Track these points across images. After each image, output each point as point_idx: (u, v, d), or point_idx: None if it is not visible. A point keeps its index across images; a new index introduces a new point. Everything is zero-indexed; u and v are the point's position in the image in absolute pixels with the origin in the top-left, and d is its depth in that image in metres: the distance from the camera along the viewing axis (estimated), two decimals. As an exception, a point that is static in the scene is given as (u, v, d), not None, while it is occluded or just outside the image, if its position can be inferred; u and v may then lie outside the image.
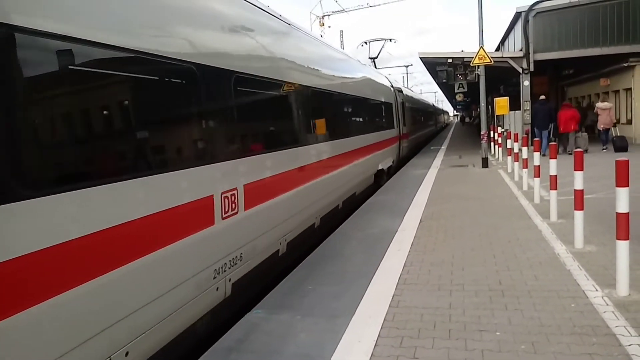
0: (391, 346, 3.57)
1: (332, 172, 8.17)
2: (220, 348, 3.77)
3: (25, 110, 2.55)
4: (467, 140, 29.39)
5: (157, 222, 3.41)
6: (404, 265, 5.46)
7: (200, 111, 4.25)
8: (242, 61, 5.04)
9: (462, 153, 20.09)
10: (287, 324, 4.12)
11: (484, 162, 14.68)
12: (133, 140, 3.47)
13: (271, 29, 6.35)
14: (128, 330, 3.12)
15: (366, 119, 12.12)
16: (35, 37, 2.57)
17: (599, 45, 18.24)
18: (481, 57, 14.60)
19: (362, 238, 6.89)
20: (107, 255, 2.95)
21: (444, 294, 4.53)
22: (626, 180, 4.23)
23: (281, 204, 5.74)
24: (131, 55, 3.33)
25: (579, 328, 3.63)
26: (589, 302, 4.09)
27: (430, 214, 8.25)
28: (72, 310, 2.67)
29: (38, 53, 2.66)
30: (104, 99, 3.28)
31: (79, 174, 2.92)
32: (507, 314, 3.99)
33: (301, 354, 3.57)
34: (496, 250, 5.78)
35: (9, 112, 2.43)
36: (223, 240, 4.33)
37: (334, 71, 9.56)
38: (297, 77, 6.84)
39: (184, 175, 3.82)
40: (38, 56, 2.67)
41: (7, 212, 2.33)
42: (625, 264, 4.17)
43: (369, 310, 4.25)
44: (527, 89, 18.79)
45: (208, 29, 4.56)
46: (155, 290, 3.41)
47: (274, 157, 5.71)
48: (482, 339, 3.59)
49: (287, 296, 4.80)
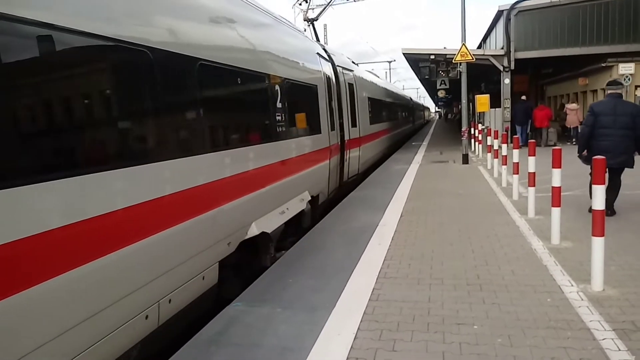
0: (370, 339, 3.59)
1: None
2: (200, 340, 3.75)
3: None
4: (448, 137, 29.65)
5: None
6: (384, 259, 5.49)
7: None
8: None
9: (443, 149, 20.26)
10: (267, 317, 4.11)
11: (464, 158, 14.82)
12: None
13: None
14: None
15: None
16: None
17: (579, 45, 18.51)
18: (463, 54, 14.69)
19: (343, 232, 6.91)
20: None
21: (423, 288, 4.57)
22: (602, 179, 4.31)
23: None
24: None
25: (554, 322, 3.70)
26: (565, 297, 4.17)
27: (410, 208, 8.31)
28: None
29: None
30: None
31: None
32: (485, 307, 4.05)
33: (281, 347, 3.57)
34: (475, 245, 5.85)
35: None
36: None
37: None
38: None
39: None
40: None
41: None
42: (600, 260, 4.25)
43: (349, 304, 4.27)
44: (507, 87, 19.00)
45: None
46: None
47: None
48: (460, 332, 3.63)
49: (268, 289, 4.79)
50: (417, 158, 17.23)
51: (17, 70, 2.64)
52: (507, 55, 18.61)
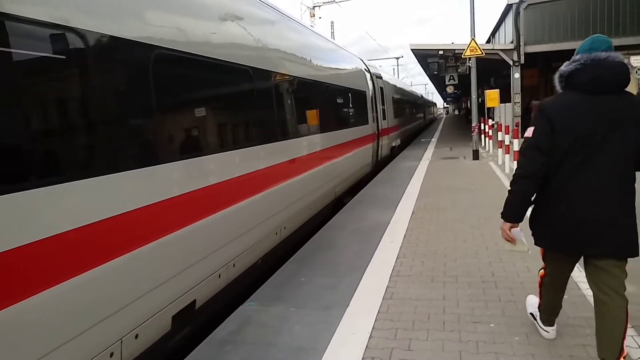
0: (386, 338, 3.57)
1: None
2: (215, 340, 3.76)
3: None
4: (458, 133, 29.47)
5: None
6: (397, 257, 5.47)
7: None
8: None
9: (453, 145, 20.14)
10: (281, 316, 4.11)
11: (474, 154, 14.72)
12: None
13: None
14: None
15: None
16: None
17: (589, 38, 18.30)
18: (472, 49, 14.57)
19: (355, 230, 6.88)
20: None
21: (437, 286, 4.54)
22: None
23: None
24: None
25: (572, 319, 3.65)
26: (582, 293, 4.12)
27: (422, 205, 8.26)
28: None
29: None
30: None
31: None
32: (501, 305, 4.01)
33: (296, 346, 3.56)
34: (488, 242, 5.80)
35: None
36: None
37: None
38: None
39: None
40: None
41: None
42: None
43: (363, 302, 4.25)
44: (517, 82, 18.82)
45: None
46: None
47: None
48: (476, 330, 3.60)
49: (281, 288, 4.78)
50: (427, 155, 17.14)
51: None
52: (516, 50, 18.43)
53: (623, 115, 2.73)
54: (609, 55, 2.77)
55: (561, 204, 2.83)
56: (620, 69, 2.76)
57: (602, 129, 2.72)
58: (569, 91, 2.89)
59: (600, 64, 2.77)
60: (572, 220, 2.80)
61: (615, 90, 2.76)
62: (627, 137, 2.71)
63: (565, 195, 2.81)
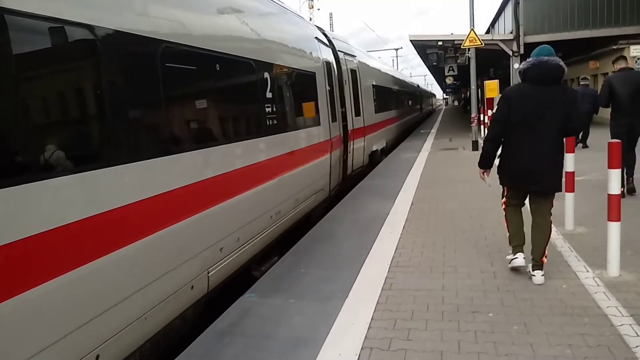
0: (385, 328, 3.57)
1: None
2: (214, 332, 3.76)
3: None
4: (457, 123, 29.43)
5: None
6: (396, 248, 5.46)
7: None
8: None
9: (452, 136, 20.11)
10: (281, 308, 4.11)
11: (474, 145, 14.71)
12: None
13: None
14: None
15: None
16: None
17: (589, 28, 18.23)
18: (472, 40, 14.52)
19: (354, 221, 6.88)
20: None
21: (436, 276, 4.54)
22: (618, 162, 4.25)
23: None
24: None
25: (570, 309, 3.66)
26: (580, 283, 4.13)
27: (421, 196, 8.26)
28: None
29: None
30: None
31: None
32: (500, 295, 4.01)
33: (295, 337, 3.56)
34: (487, 232, 5.80)
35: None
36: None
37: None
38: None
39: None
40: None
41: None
42: (616, 245, 4.20)
43: (362, 293, 4.25)
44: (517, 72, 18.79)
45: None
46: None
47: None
48: (475, 320, 3.60)
49: (280, 280, 4.79)
50: (426, 145, 17.12)
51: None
52: (516, 40, 18.36)
53: (556, 100, 4.01)
54: (549, 59, 3.98)
55: (514, 158, 4.20)
56: (555, 69, 3.98)
57: (541, 109, 4.02)
58: (523, 82, 4.17)
59: (542, 65, 3.99)
60: (520, 168, 4.17)
61: (551, 82, 4.02)
62: (557, 115, 4.02)
63: (516, 153, 4.17)
